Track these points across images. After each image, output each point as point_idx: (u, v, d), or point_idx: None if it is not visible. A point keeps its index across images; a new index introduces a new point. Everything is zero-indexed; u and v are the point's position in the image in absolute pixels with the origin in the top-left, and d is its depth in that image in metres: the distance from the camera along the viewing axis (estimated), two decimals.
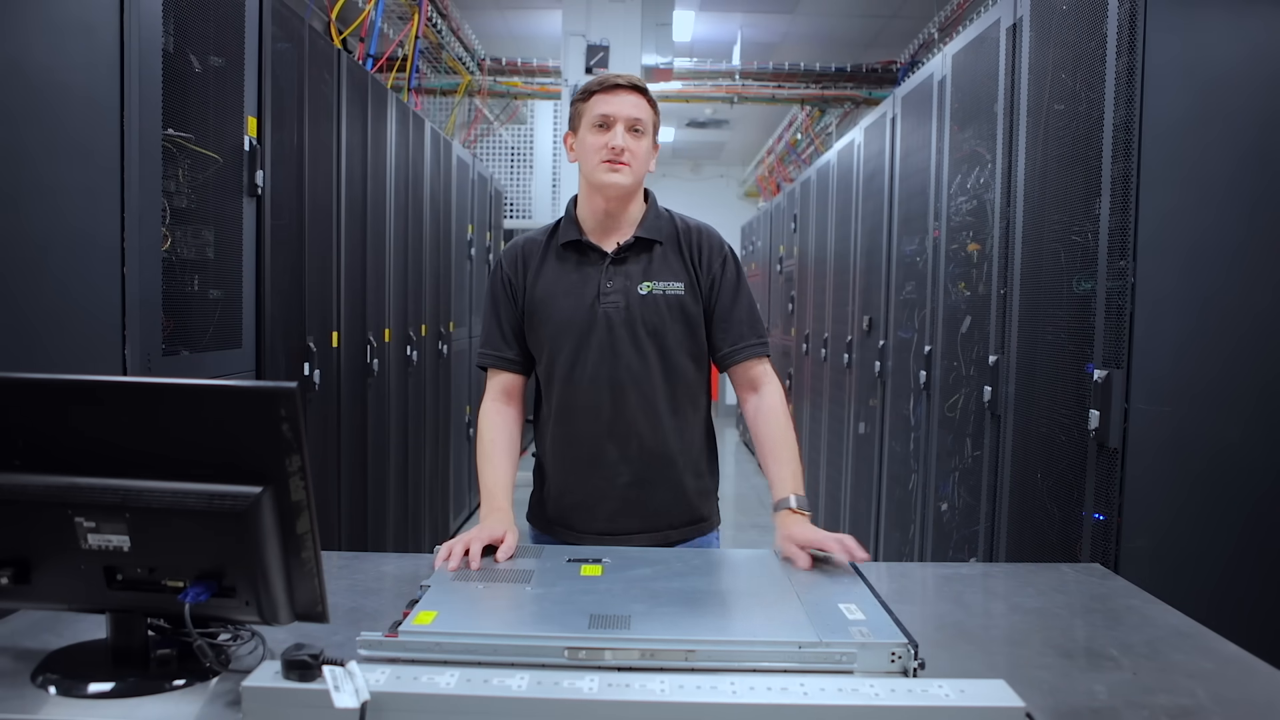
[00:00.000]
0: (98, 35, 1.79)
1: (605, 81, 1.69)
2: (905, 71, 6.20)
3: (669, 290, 1.71)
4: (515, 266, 1.76)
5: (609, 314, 1.69)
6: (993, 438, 2.54)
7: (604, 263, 1.71)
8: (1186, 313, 1.91)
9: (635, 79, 1.71)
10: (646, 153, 1.71)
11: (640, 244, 1.72)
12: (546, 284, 1.73)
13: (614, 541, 1.68)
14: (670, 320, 1.70)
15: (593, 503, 1.73)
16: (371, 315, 3.46)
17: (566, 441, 1.74)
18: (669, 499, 1.74)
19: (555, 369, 1.72)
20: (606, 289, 1.70)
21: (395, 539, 3.77)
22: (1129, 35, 1.93)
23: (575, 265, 1.73)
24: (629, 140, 1.67)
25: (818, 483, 5.12)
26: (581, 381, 1.70)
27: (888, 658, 1.11)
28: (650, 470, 1.72)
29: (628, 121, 1.67)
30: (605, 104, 1.67)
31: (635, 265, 1.72)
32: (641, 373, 1.69)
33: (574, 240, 1.73)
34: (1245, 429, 1.91)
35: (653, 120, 1.72)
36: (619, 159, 1.66)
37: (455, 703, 0.95)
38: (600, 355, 1.69)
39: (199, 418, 1.04)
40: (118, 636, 1.10)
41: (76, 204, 1.77)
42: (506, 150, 7.37)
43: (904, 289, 3.50)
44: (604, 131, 1.67)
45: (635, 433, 1.70)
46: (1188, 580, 1.86)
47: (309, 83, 2.79)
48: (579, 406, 1.71)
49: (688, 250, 1.74)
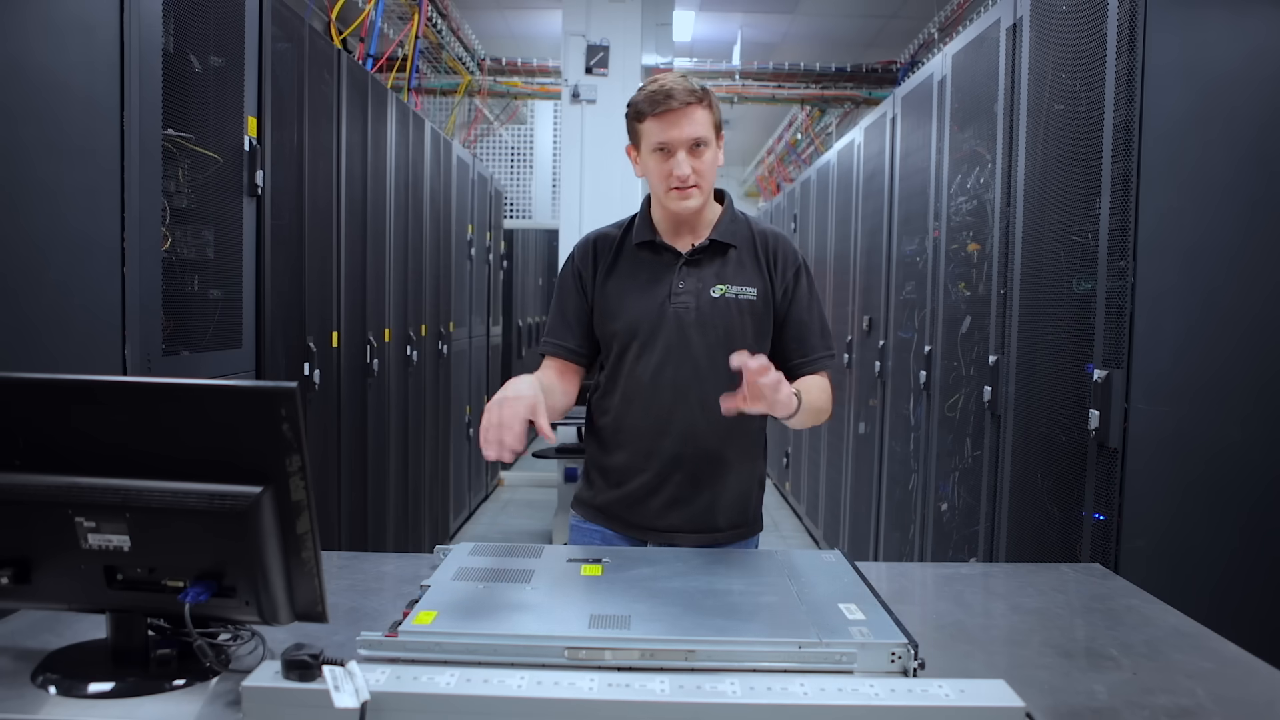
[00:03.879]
0: (98, 35, 1.79)
1: (657, 103, 1.60)
2: (905, 71, 6.20)
3: (741, 295, 1.70)
4: (587, 260, 1.76)
5: (679, 314, 1.68)
6: (993, 438, 2.54)
7: (677, 263, 1.71)
8: (1186, 312, 1.91)
9: (687, 88, 1.61)
10: (713, 163, 1.66)
11: (715, 246, 1.71)
12: (618, 280, 1.73)
13: (660, 538, 1.70)
14: (740, 324, 1.70)
15: (644, 496, 1.72)
16: (371, 315, 3.46)
17: (626, 434, 1.73)
18: (720, 500, 1.74)
19: (622, 364, 1.72)
20: (678, 289, 1.69)
21: (395, 539, 3.77)
22: (1129, 35, 1.93)
23: (648, 264, 1.73)
24: (693, 161, 1.62)
25: (818, 483, 5.12)
26: (646, 378, 1.70)
27: (888, 658, 1.11)
28: (705, 470, 1.71)
29: (688, 144, 1.62)
30: (662, 131, 1.61)
31: (709, 268, 1.71)
32: (707, 373, 1.68)
33: (648, 240, 1.73)
34: (1245, 429, 1.91)
35: (714, 123, 1.66)
36: (686, 184, 1.63)
37: (455, 703, 0.95)
38: (667, 354, 1.69)
39: (199, 418, 1.04)
40: (118, 636, 1.10)
41: (76, 204, 1.77)
42: (506, 150, 7.38)
43: (904, 289, 3.50)
44: (666, 158, 1.63)
45: (695, 432, 1.69)
46: (1188, 580, 1.86)
47: (309, 83, 2.78)
48: (642, 402, 1.70)
49: (764, 256, 1.73)
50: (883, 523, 3.76)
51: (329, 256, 3.03)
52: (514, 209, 7.39)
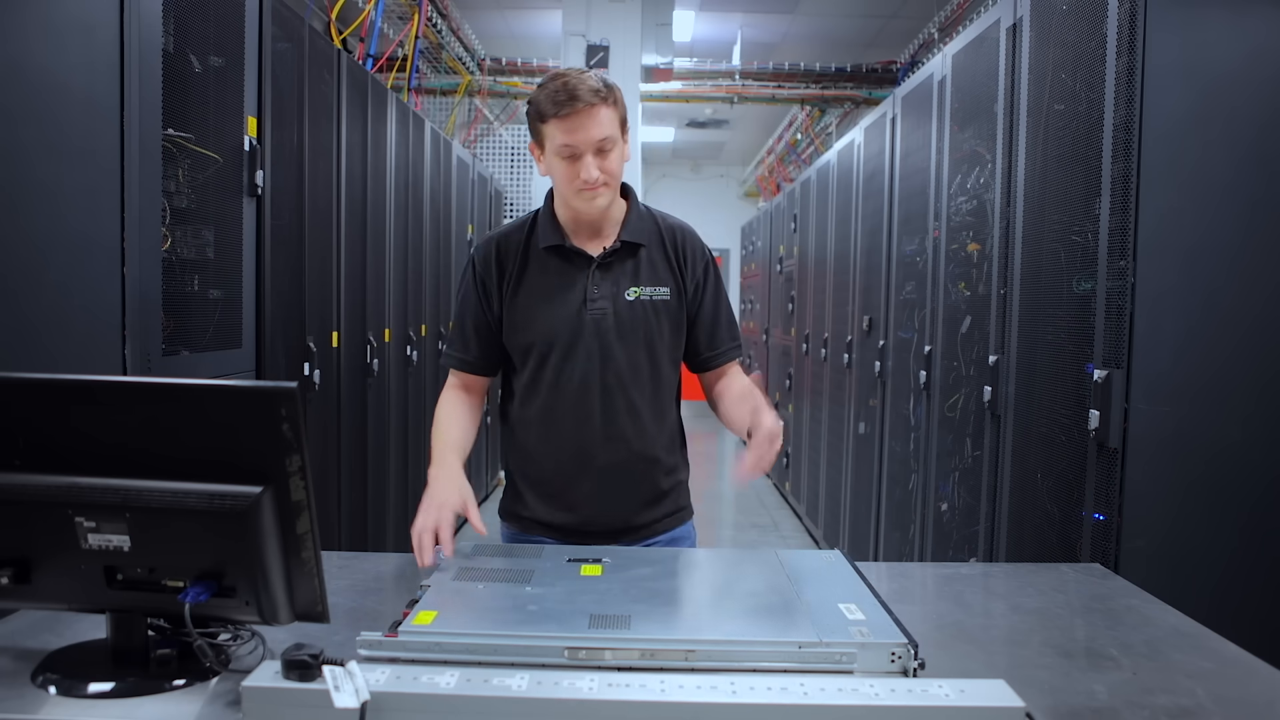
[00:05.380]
0: (98, 35, 1.79)
1: (560, 105, 1.54)
2: (905, 71, 6.20)
3: (656, 295, 1.69)
4: (489, 269, 1.70)
5: (596, 320, 1.66)
6: (993, 438, 2.54)
7: (589, 268, 1.68)
8: (1186, 312, 1.91)
9: (591, 87, 1.55)
10: (620, 161, 1.62)
11: (625, 248, 1.69)
12: (528, 291, 1.69)
13: (598, 540, 1.68)
14: (658, 325, 1.69)
15: (576, 503, 1.71)
16: (371, 315, 3.46)
17: (551, 445, 1.71)
18: (652, 496, 1.74)
19: (543, 373, 1.69)
20: (593, 295, 1.67)
21: (395, 539, 3.77)
22: (1129, 35, 1.93)
23: (558, 270, 1.69)
24: (600, 163, 1.58)
25: (818, 483, 5.12)
26: (572, 385, 1.67)
27: (888, 658, 1.11)
28: (635, 470, 1.71)
29: (595, 145, 1.57)
30: (567, 134, 1.55)
31: (621, 270, 1.69)
32: (630, 377, 1.68)
33: (556, 245, 1.69)
34: (1245, 428, 1.91)
35: (620, 120, 1.60)
36: (594, 185, 1.59)
37: (455, 703, 0.95)
38: (589, 361, 1.67)
39: (199, 418, 1.04)
40: (118, 636, 1.10)
41: (77, 204, 1.77)
42: (506, 150, 7.37)
43: (904, 289, 3.50)
44: (572, 162, 1.57)
45: (623, 436, 1.69)
46: (1188, 580, 1.86)
47: (309, 83, 2.79)
48: (566, 411, 1.68)
49: (673, 252, 1.72)
50: (883, 523, 3.76)
51: (329, 256, 3.03)
52: (514, 209, 7.38)
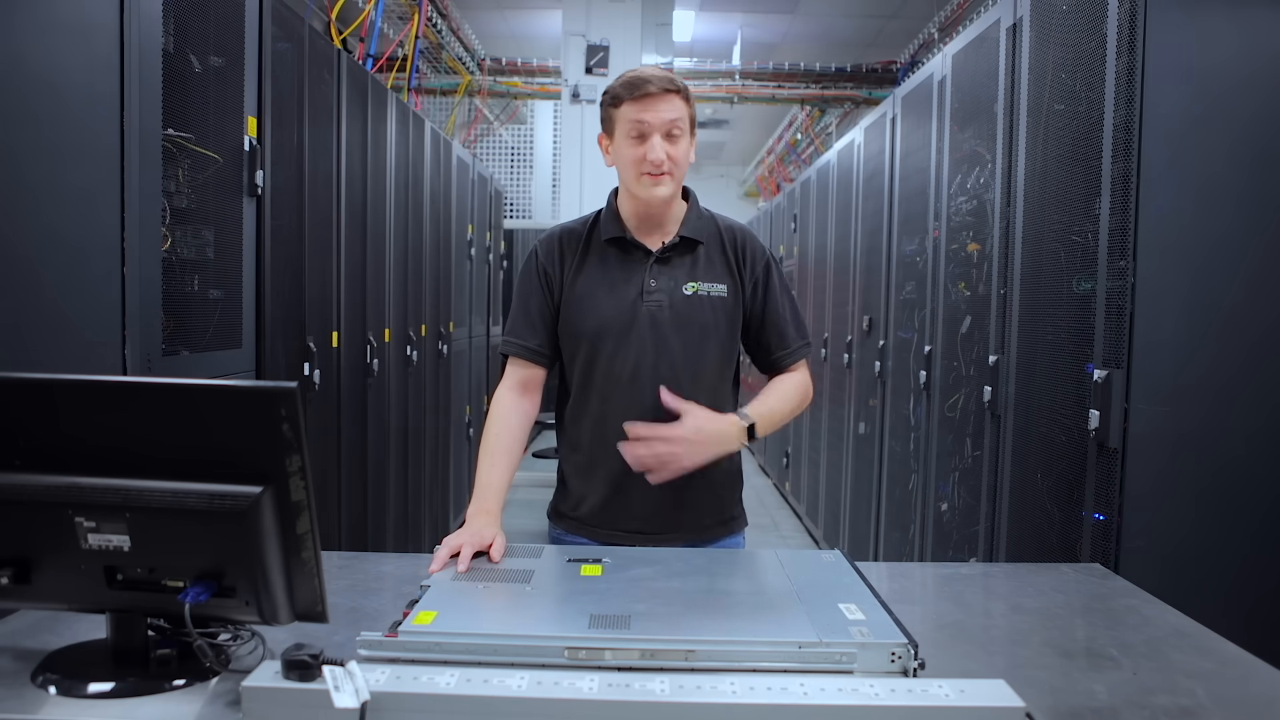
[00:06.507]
0: (98, 35, 1.79)
1: (636, 88, 1.61)
2: (905, 71, 6.20)
3: (713, 292, 1.70)
4: (552, 258, 1.74)
5: (652, 313, 1.68)
6: (993, 438, 2.54)
7: (648, 261, 1.70)
8: (1186, 312, 1.91)
9: (667, 77, 1.63)
10: (686, 154, 1.66)
11: (684, 244, 1.71)
12: (588, 280, 1.72)
13: (647, 541, 1.67)
14: (714, 321, 1.70)
15: (629, 501, 1.71)
16: (371, 315, 3.46)
17: (604, 440, 1.70)
18: (704, 498, 1.73)
19: (595, 366, 1.70)
20: (650, 287, 1.69)
21: (395, 539, 3.77)
22: (1129, 35, 1.93)
23: (617, 262, 1.71)
24: (667, 148, 1.62)
25: (818, 483, 5.12)
26: (625, 376, 1.68)
27: (888, 658, 1.11)
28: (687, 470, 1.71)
29: (664, 128, 1.61)
30: (638, 112, 1.61)
31: (680, 265, 1.71)
32: (685, 370, 1.68)
33: (617, 237, 1.72)
34: (1245, 428, 1.91)
35: (690, 116, 1.66)
36: (659, 170, 1.63)
37: (455, 703, 0.95)
38: (642, 353, 1.68)
39: (199, 418, 1.04)
40: (118, 636, 1.10)
41: (77, 204, 1.77)
42: (506, 150, 7.37)
43: (904, 289, 3.50)
44: (640, 142, 1.62)
45: None
46: (1188, 580, 1.86)
47: (309, 83, 2.78)
48: (620, 404, 1.68)
49: (731, 252, 1.73)
50: (883, 523, 3.76)
51: (329, 256, 3.03)
52: (514, 209, 7.39)
